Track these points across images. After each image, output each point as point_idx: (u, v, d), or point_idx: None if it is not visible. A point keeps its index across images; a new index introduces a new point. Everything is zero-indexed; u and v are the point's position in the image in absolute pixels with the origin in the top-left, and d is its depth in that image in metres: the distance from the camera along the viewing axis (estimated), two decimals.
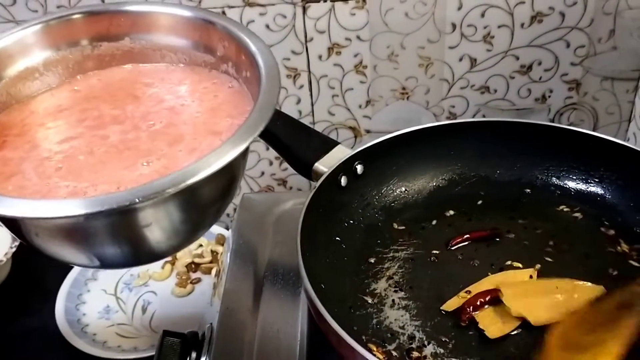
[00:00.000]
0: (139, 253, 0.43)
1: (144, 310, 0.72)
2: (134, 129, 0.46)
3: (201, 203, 0.43)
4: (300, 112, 0.77)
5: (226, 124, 0.45)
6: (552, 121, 0.77)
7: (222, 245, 0.79)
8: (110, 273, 0.77)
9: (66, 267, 0.76)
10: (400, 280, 0.50)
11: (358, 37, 0.72)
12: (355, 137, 0.79)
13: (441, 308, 0.47)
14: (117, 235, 0.40)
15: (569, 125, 0.76)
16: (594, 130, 0.58)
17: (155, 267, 0.77)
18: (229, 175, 0.45)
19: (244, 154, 0.41)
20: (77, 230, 0.40)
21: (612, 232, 0.53)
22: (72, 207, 0.36)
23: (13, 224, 0.42)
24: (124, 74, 0.52)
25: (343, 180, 0.55)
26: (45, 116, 0.49)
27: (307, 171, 0.55)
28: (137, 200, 0.36)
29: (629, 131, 0.78)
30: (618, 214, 0.54)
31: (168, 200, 0.40)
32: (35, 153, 0.45)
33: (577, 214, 0.55)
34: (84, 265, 0.44)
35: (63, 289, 0.73)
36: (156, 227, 0.41)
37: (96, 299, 0.73)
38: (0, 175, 0.43)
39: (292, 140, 0.55)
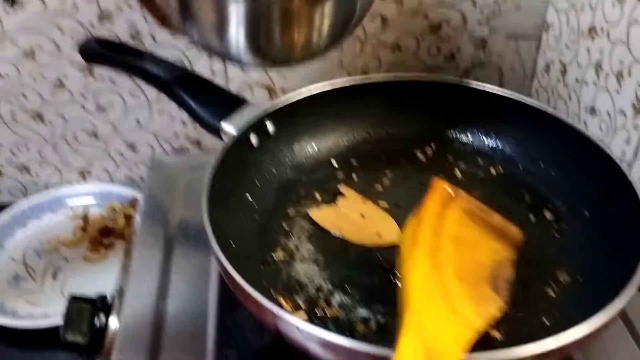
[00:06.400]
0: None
1: (54, 277, 0.70)
2: None
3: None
4: (213, 72, 0.75)
5: None
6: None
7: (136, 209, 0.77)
8: (17, 240, 0.74)
9: None
10: (311, 235, 0.51)
11: None
12: (271, 96, 0.79)
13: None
14: None
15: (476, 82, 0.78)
16: (500, 87, 0.61)
17: (66, 233, 0.75)
18: None
19: None
20: None
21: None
22: None
23: None
24: None
25: (254, 140, 0.55)
26: None
27: (216, 131, 0.54)
28: None
29: (532, 88, 0.81)
30: (516, 165, 0.57)
31: None
32: None
33: (481, 169, 0.58)
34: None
35: None
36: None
37: (3, 268, 0.70)
38: None
39: (199, 99, 0.54)
